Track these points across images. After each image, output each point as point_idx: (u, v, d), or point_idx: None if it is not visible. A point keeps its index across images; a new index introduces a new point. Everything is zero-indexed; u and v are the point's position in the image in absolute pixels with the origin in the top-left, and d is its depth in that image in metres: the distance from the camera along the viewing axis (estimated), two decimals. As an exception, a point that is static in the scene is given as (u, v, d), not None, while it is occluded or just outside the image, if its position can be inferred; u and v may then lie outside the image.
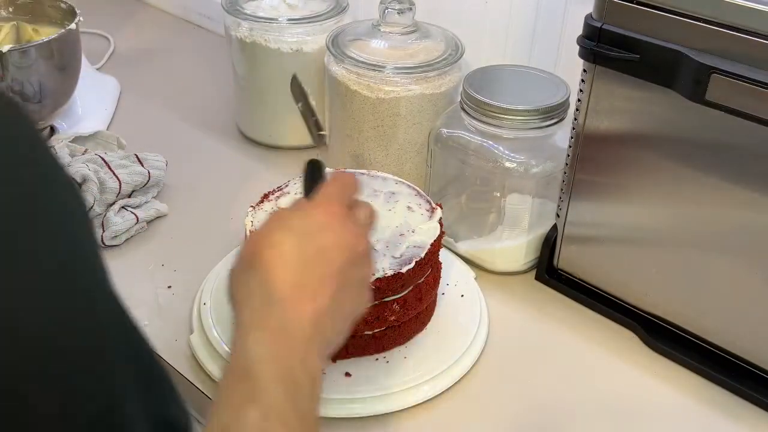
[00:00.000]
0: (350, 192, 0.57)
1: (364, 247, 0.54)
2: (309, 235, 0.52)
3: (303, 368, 0.47)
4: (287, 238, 0.51)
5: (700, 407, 0.72)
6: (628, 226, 0.77)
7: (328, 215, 0.53)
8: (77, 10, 1.01)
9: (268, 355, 0.46)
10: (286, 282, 0.49)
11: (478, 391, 0.73)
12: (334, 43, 0.93)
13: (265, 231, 0.52)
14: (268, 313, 0.48)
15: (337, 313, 0.51)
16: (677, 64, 0.65)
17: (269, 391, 0.45)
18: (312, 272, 0.50)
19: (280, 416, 0.44)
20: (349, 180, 0.58)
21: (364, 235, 0.55)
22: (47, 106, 0.98)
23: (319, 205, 0.54)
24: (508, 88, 0.86)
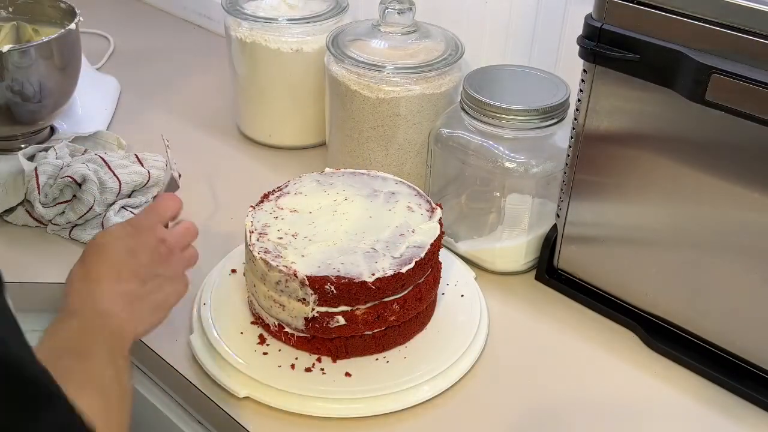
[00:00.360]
0: (168, 213, 0.72)
1: (165, 249, 0.68)
2: (123, 237, 0.67)
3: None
4: (105, 236, 0.67)
5: (700, 407, 0.72)
6: (628, 226, 0.77)
7: (138, 221, 0.69)
8: (77, 10, 1.01)
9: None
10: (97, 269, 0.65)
11: (478, 391, 0.73)
12: (334, 43, 0.93)
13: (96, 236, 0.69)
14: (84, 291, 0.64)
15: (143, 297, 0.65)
16: (677, 64, 0.65)
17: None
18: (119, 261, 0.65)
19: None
20: (168, 204, 0.72)
21: (166, 246, 0.68)
22: (47, 106, 0.98)
23: (136, 217, 0.71)
24: (508, 88, 0.86)
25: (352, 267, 0.70)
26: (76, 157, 0.95)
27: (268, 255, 0.71)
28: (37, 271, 0.85)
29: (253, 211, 0.77)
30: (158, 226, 0.69)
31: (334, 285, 0.68)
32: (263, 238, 0.73)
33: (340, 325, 0.70)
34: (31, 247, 0.89)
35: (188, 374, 0.73)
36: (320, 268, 0.69)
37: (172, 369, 0.74)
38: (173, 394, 0.79)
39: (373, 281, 0.68)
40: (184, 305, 0.80)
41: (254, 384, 0.70)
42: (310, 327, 0.71)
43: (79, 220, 0.89)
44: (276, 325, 0.74)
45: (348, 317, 0.70)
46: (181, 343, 0.76)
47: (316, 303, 0.69)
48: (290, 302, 0.71)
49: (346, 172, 0.83)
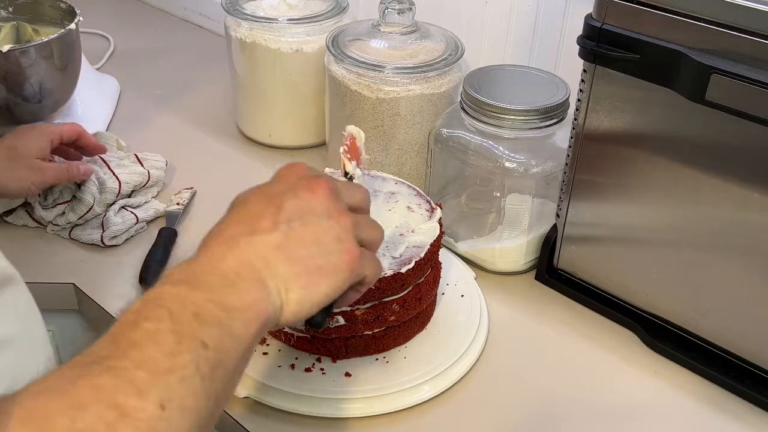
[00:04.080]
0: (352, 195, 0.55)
1: (324, 188, 0.51)
2: (266, 186, 0.52)
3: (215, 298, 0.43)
4: (248, 192, 0.52)
5: (700, 407, 0.72)
6: (628, 226, 0.77)
7: (288, 167, 0.54)
8: (77, 10, 1.01)
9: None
10: (221, 225, 0.49)
11: (478, 391, 0.73)
12: (334, 43, 0.93)
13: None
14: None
15: (284, 248, 0.47)
16: (677, 64, 0.65)
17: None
18: (253, 211, 0.49)
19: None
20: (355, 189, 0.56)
21: (325, 179, 0.52)
22: (47, 106, 0.98)
23: (282, 168, 0.55)
24: (508, 88, 0.86)
25: (352, 267, 0.70)
26: None
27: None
28: (37, 271, 0.85)
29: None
30: (308, 169, 0.54)
31: (334, 285, 0.68)
32: (263, 238, 0.73)
33: (339, 325, 0.70)
34: (31, 247, 0.89)
35: (188, 374, 0.73)
36: (320, 268, 0.69)
37: (172, 369, 0.74)
38: (173, 394, 0.79)
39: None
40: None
41: (254, 384, 0.70)
42: (309, 327, 0.71)
43: (79, 221, 0.89)
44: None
45: (348, 317, 0.70)
46: (181, 343, 0.76)
47: (316, 303, 0.69)
48: (290, 302, 0.70)
49: (346, 172, 0.83)
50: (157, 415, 0.36)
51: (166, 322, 0.39)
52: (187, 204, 0.95)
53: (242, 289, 0.44)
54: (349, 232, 0.50)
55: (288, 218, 0.48)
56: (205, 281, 0.43)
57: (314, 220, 0.49)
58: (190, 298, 0.41)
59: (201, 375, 0.39)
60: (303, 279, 0.47)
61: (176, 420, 0.37)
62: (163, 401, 0.37)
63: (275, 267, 0.46)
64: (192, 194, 0.97)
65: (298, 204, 0.49)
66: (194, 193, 0.97)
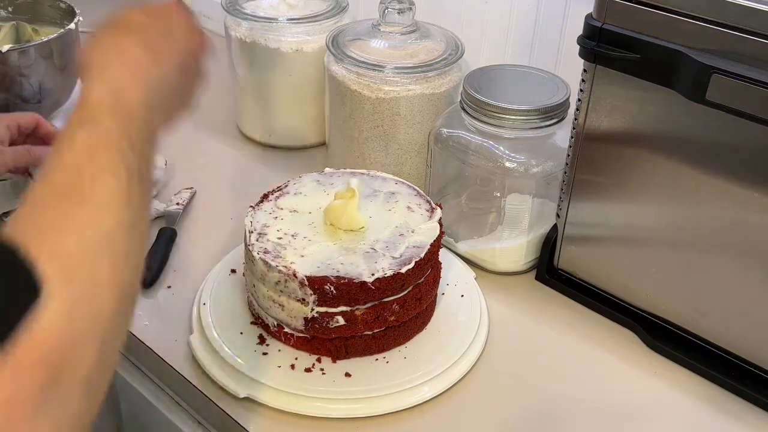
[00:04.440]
0: None
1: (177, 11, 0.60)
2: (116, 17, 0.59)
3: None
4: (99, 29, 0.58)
5: (700, 407, 0.72)
6: (628, 226, 0.77)
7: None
8: (77, 10, 1.01)
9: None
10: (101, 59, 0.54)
11: (478, 391, 0.73)
12: (334, 43, 0.93)
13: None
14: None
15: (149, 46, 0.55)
16: (677, 64, 0.65)
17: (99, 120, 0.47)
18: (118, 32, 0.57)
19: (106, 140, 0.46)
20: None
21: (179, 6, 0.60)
22: (47, 106, 0.98)
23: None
24: (508, 88, 0.86)
25: (352, 267, 0.70)
26: None
27: (268, 255, 0.71)
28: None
29: (253, 212, 0.77)
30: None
31: (334, 285, 0.68)
32: (263, 239, 0.73)
33: (339, 326, 0.70)
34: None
35: (188, 374, 0.73)
36: (319, 268, 0.69)
37: (172, 369, 0.74)
38: (173, 394, 0.79)
39: (373, 281, 0.68)
40: (184, 305, 0.80)
41: (254, 384, 0.70)
42: (309, 327, 0.71)
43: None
44: (276, 326, 0.74)
45: (347, 317, 0.70)
46: (181, 343, 0.76)
47: (316, 303, 0.69)
48: (290, 302, 0.71)
49: (346, 172, 0.83)
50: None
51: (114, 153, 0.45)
52: (186, 204, 0.95)
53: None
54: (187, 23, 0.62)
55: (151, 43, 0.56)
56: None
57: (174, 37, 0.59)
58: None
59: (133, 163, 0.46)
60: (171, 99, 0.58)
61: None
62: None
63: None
64: (192, 194, 0.97)
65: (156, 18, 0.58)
66: (194, 193, 0.97)
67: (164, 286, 0.83)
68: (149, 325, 0.79)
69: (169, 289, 0.83)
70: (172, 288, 0.83)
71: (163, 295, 0.82)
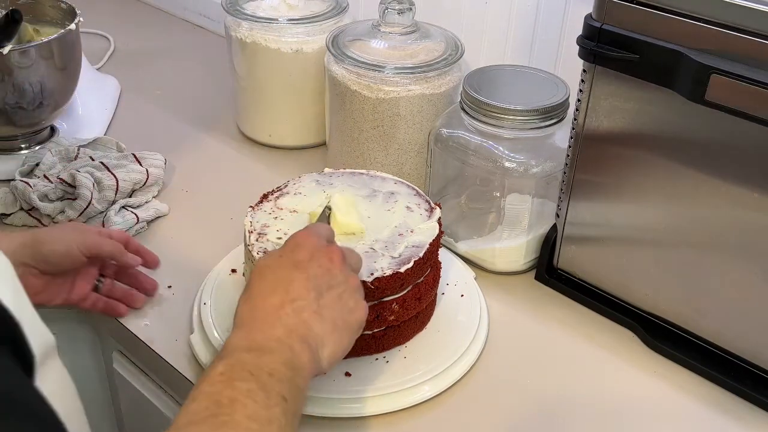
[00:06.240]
0: (326, 232, 0.64)
1: (338, 257, 0.60)
2: (287, 254, 0.60)
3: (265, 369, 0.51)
4: (271, 260, 0.60)
5: (700, 407, 0.72)
6: (628, 226, 0.77)
7: (304, 237, 0.61)
8: (77, 10, 1.01)
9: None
10: (261, 292, 0.57)
11: (478, 391, 0.73)
12: (334, 43, 0.93)
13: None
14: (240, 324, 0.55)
15: (320, 314, 0.57)
16: (677, 64, 0.65)
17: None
18: (287, 280, 0.57)
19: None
20: (325, 227, 0.65)
21: (338, 249, 0.61)
22: (48, 106, 0.98)
23: (297, 233, 0.62)
24: (508, 88, 0.86)
25: (352, 267, 0.70)
26: (73, 162, 0.95)
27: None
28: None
29: (253, 212, 0.77)
30: (321, 238, 0.62)
31: (334, 285, 0.68)
32: (262, 239, 0.73)
33: (339, 325, 0.70)
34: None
35: (188, 374, 0.73)
36: (320, 268, 0.69)
37: (173, 369, 0.74)
38: (173, 394, 0.79)
39: (372, 281, 0.68)
40: (184, 305, 0.81)
41: (254, 384, 0.70)
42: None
43: (79, 218, 0.89)
44: (276, 325, 0.74)
45: (348, 317, 0.70)
46: (181, 343, 0.76)
47: (316, 303, 0.69)
48: (290, 302, 0.70)
49: (346, 172, 0.83)
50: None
51: (253, 383, 0.49)
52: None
53: (297, 351, 0.54)
54: (359, 291, 0.62)
55: (316, 285, 0.58)
56: (267, 347, 0.53)
57: (336, 284, 0.59)
58: (264, 361, 0.51)
59: (286, 422, 0.49)
60: (334, 335, 0.57)
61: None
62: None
63: (313, 328, 0.56)
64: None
65: (321, 272, 0.59)
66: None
67: (164, 286, 0.83)
68: (150, 324, 0.79)
69: (169, 289, 0.83)
70: (173, 288, 0.83)
71: (164, 295, 0.82)
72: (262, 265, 0.59)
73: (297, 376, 0.52)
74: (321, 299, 0.57)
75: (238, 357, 0.51)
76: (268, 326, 0.54)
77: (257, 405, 0.48)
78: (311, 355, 0.55)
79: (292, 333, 0.54)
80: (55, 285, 0.75)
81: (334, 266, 0.60)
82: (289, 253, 0.60)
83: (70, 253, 0.73)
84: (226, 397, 0.47)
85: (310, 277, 0.58)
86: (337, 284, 0.59)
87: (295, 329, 0.55)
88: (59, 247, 0.72)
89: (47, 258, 0.72)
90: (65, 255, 0.73)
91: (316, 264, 0.59)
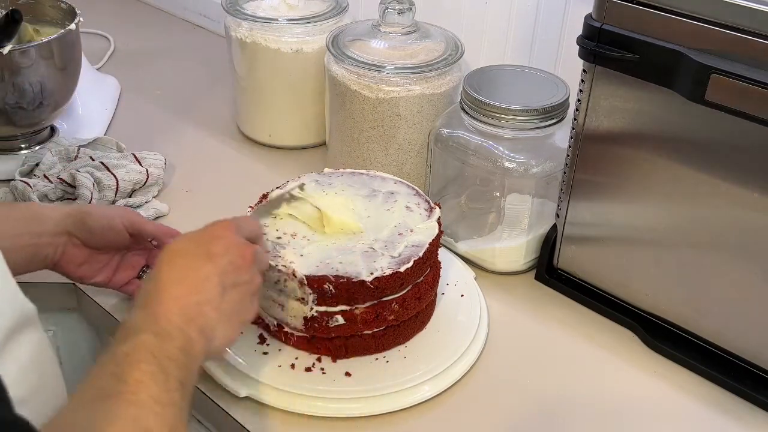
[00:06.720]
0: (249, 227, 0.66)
1: (250, 257, 0.62)
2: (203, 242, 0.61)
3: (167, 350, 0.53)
4: (186, 243, 0.61)
5: (700, 407, 0.72)
6: (628, 225, 0.77)
7: (223, 229, 0.62)
8: (77, 10, 1.01)
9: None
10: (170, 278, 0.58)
11: (478, 391, 0.73)
12: (334, 43, 0.93)
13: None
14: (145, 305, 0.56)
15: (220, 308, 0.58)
16: (677, 64, 0.65)
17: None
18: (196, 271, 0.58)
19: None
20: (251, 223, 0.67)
21: (251, 248, 0.63)
22: (48, 106, 0.98)
23: (216, 223, 0.63)
24: (508, 88, 0.86)
25: (351, 266, 0.70)
26: (73, 162, 0.95)
27: (267, 255, 0.71)
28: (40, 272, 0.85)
29: (253, 212, 0.77)
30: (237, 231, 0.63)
31: (333, 284, 0.68)
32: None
33: (339, 325, 0.70)
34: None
35: (188, 374, 0.73)
36: (319, 268, 0.69)
37: (172, 369, 0.74)
38: (173, 393, 0.79)
39: (372, 280, 0.68)
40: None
41: (254, 384, 0.70)
42: (309, 326, 0.71)
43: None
44: (276, 325, 0.74)
45: (347, 317, 0.70)
46: (180, 342, 0.76)
47: (315, 302, 0.69)
48: (289, 302, 0.71)
49: (345, 172, 0.83)
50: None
51: (155, 366, 0.51)
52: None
53: (194, 340, 0.55)
54: (258, 291, 0.64)
55: (223, 281, 0.59)
56: (168, 333, 0.54)
57: (241, 282, 0.61)
58: (165, 347, 0.53)
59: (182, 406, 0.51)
60: (228, 329, 0.60)
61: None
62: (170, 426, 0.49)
63: (211, 320, 0.58)
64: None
65: (232, 268, 0.60)
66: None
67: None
68: (149, 324, 0.79)
69: (169, 289, 0.83)
70: (172, 288, 0.83)
71: (163, 295, 0.82)
72: (174, 250, 0.60)
73: (191, 363, 0.54)
74: (225, 295, 0.59)
75: (143, 339, 0.52)
76: (171, 313, 0.55)
77: (159, 388, 0.49)
78: (205, 344, 0.57)
79: (191, 322, 0.56)
80: (97, 262, 0.75)
81: (244, 264, 0.61)
82: (205, 243, 0.61)
83: (114, 226, 0.74)
84: (132, 378, 0.49)
85: (219, 273, 0.59)
86: (242, 282, 0.61)
87: (195, 319, 0.56)
88: (103, 219, 0.74)
89: (91, 228, 0.73)
90: (109, 228, 0.74)
91: (228, 260, 0.60)
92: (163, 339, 0.53)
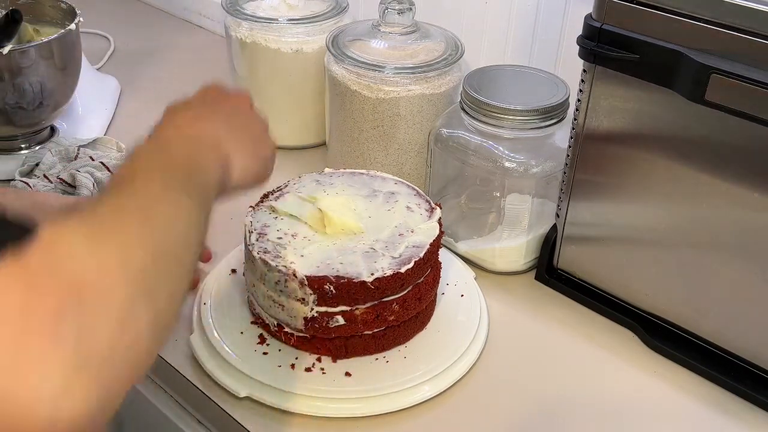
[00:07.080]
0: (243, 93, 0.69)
1: (249, 102, 0.67)
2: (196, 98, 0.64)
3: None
4: (183, 101, 0.63)
5: (700, 407, 0.72)
6: (628, 225, 0.77)
7: (213, 86, 0.67)
8: (77, 10, 1.01)
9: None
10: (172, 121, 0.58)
11: (478, 391, 0.73)
12: (334, 43, 0.93)
13: None
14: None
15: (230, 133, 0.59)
16: (677, 64, 0.65)
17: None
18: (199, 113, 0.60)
19: None
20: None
21: (246, 96, 0.68)
22: (48, 106, 0.98)
23: (208, 86, 0.67)
24: (508, 88, 0.86)
25: (351, 267, 0.70)
26: (73, 162, 0.95)
27: (268, 255, 0.71)
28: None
29: (253, 211, 0.77)
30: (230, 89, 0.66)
31: (333, 285, 0.68)
32: (263, 238, 0.73)
33: (339, 325, 0.71)
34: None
35: (188, 374, 0.74)
36: (319, 268, 0.69)
37: (172, 369, 0.74)
38: (173, 394, 0.79)
39: (372, 281, 0.68)
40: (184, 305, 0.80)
41: (254, 384, 0.70)
42: (309, 327, 0.71)
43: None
44: (276, 325, 0.74)
45: (347, 317, 0.70)
46: (181, 343, 0.76)
47: (315, 303, 0.69)
48: (289, 302, 0.71)
49: (346, 172, 0.83)
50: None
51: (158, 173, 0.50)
52: None
53: (202, 152, 0.55)
54: (268, 128, 0.67)
55: (227, 114, 0.61)
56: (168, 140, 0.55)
57: (249, 123, 0.64)
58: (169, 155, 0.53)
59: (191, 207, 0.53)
60: (243, 154, 0.59)
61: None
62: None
63: (225, 140, 0.58)
64: None
65: (231, 106, 0.63)
66: None
67: (164, 286, 0.83)
68: (149, 324, 0.79)
69: (169, 289, 0.83)
70: (173, 288, 0.83)
71: (164, 295, 0.82)
72: (170, 108, 0.61)
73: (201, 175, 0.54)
74: (232, 120, 0.60)
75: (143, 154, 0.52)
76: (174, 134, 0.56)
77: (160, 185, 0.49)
78: (220, 161, 0.56)
79: (202, 139, 0.56)
80: None
81: (245, 106, 0.65)
82: (199, 97, 0.64)
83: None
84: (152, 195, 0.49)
85: (219, 111, 0.61)
86: (249, 123, 0.64)
87: (202, 138, 0.56)
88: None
89: None
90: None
91: (228, 104, 0.63)
92: (162, 148, 0.53)
